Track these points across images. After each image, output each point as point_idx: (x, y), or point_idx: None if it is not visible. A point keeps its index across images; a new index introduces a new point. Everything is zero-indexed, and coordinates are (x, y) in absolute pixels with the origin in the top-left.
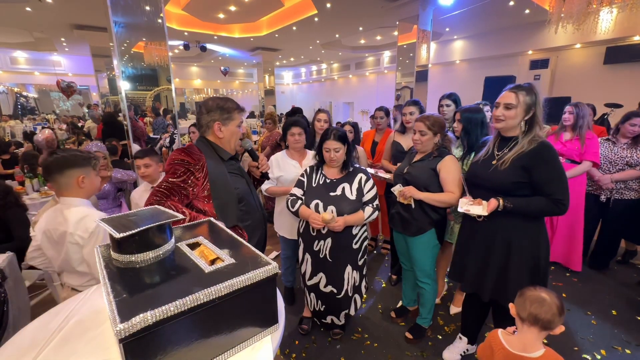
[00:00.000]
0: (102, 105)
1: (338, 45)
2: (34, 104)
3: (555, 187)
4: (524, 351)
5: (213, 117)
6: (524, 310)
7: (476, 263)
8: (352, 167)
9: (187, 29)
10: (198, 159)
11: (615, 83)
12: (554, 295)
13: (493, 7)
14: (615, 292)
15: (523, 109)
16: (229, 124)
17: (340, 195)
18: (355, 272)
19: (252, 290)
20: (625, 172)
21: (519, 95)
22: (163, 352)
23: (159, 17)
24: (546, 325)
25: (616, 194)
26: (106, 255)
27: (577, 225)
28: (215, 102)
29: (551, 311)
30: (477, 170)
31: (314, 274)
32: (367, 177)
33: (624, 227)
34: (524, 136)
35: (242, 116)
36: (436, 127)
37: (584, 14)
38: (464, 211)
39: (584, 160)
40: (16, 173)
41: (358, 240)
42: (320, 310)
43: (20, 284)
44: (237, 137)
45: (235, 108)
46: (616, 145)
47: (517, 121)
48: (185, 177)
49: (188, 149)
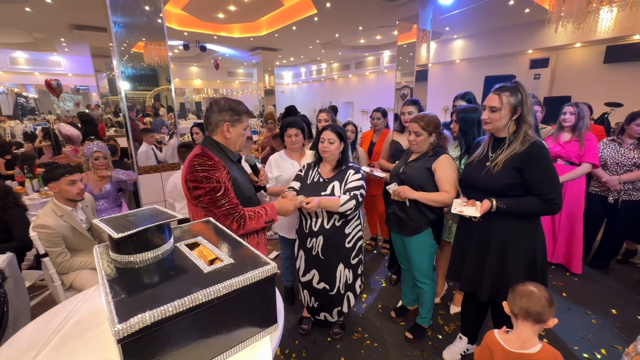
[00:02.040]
0: (102, 106)
1: (338, 45)
2: (34, 104)
3: (547, 187)
4: (522, 348)
5: (224, 117)
6: (514, 305)
7: (473, 263)
8: (345, 166)
9: (187, 29)
10: (218, 161)
11: (615, 82)
12: (542, 288)
13: (493, 7)
14: (616, 291)
15: (508, 110)
16: (237, 126)
17: (329, 194)
18: (348, 271)
19: (251, 290)
20: (633, 173)
21: (502, 96)
22: (162, 352)
23: (159, 17)
24: (538, 318)
25: (624, 195)
26: (105, 256)
27: (576, 227)
28: (228, 103)
29: (540, 303)
30: (471, 171)
31: (307, 271)
32: (355, 171)
33: (632, 228)
34: (515, 137)
35: (248, 121)
36: (431, 127)
37: (584, 13)
38: (457, 212)
39: (583, 162)
40: (16, 173)
41: (351, 240)
42: (314, 307)
43: (20, 284)
44: (242, 140)
45: (246, 112)
46: (622, 146)
47: (504, 122)
48: (229, 193)
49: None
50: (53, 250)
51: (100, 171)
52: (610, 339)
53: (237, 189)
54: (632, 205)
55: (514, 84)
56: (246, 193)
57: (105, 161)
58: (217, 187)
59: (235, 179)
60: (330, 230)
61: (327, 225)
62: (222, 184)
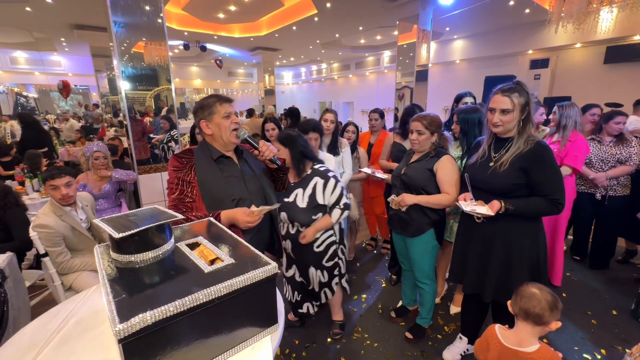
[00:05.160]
0: (102, 105)
1: (338, 45)
2: (34, 104)
3: (553, 187)
4: (519, 346)
5: (199, 116)
6: (516, 305)
7: (477, 264)
8: (310, 171)
9: (187, 28)
10: (187, 162)
11: (615, 82)
12: (546, 291)
13: (493, 7)
14: (616, 291)
15: (519, 111)
16: (213, 118)
17: (292, 202)
18: (321, 272)
19: (252, 290)
20: (618, 168)
21: (513, 98)
22: (162, 352)
23: (159, 17)
24: (537, 320)
25: (611, 191)
26: (106, 255)
27: (558, 236)
28: (198, 103)
29: (540, 305)
30: (475, 172)
31: (289, 267)
32: (325, 181)
33: (619, 223)
34: (519, 136)
35: (228, 107)
36: (433, 126)
37: (584, 13)
38: (469, 211)
39: (563, 165)
40: (16, 173)
41: (321, 244)
42: (297, 301)
43: (20, 284)
44: (227, 130)
45: (217, 100)
46: (602, 144)
47: (515, 124)
48: (180, 189)
49: (181, 153)
50: (53, 250)
51: (101, 171)
52: (610, 339)
53: (205, 190)
54: (619, 201)
55: (517, 85)
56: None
57: (105, 161)
58: (170, 187)
59: (202, 181)
60: (296, 235)
61: (292, 230)
62: (177, 186)
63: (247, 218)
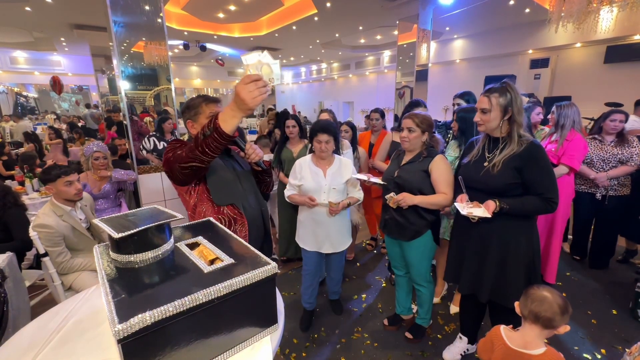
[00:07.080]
0: (102, 105)
1: (338, 44)
2: (34, 103)
3: (546, 186)
4: (524, 348)
5: (185, 117)
6: (525, 307)
7: (472, 264)
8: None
9: (187, 28)
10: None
11: (615, 82)
12: (557, 295)
13: (493, 6)
14: (616, 291)
15: (499, 111)
16: (198, 119)
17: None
18: None
19: (252, 290)
20: (619, 168)
21: (492, 98)
22: (162, 352)
23: (159, 16)
24: (547, 324)
25: (611, 190)
26: (105, 255)
27: (554, 234)
28: (185, 103)
29: (551, 309)
30: (469, 172)
31: None
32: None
33: (620, 223)
34: (509, 137)
35: (214, 107)
36: (424, 125)
37: (584, 13)
38: (466, 214)
39: (560, 164)
40: (16, 173)
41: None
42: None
43: (20, 284)
44: None
45: (203, 101)
46: (603, 143)
47: (496, 123)
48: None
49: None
50: (53, 250)
51: (100, 171)
52: (610, 339)
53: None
54: (619, 200)
55: (503, 85)
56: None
57: (105, 161)
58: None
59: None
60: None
61: None
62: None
63: (250, 85)
